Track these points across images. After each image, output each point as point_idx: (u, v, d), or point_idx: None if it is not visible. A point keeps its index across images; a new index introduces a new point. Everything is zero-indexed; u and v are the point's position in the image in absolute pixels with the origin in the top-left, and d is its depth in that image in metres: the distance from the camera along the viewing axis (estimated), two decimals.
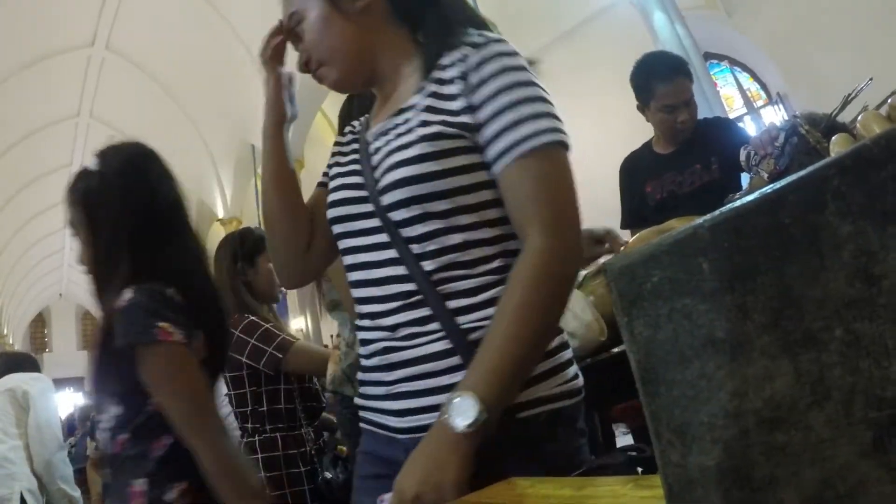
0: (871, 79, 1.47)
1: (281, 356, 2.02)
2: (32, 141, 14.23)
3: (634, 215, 2.53)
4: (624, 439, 3.04)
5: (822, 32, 6.14)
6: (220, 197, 14.56)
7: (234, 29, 11.25)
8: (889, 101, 1.20)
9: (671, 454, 0.38)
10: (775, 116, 7.12)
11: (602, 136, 7.47)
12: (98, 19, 11.75)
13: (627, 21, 7.06)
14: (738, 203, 0.38)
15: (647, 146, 2.50)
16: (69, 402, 12.38)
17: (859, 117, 1.19)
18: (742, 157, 1.60)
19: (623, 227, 2.54)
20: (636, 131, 7.74)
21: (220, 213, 14.58)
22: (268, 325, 2.08)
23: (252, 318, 2.08)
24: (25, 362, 3.19)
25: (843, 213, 0.35)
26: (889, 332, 0.34)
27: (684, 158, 2.29)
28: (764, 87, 7.83)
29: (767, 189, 0.37)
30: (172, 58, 12.33)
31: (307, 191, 1.17)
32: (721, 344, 0.37)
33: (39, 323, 30.57)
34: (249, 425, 2.06)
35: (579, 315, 1.71)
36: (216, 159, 14.17)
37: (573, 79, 7.89)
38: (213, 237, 16.72)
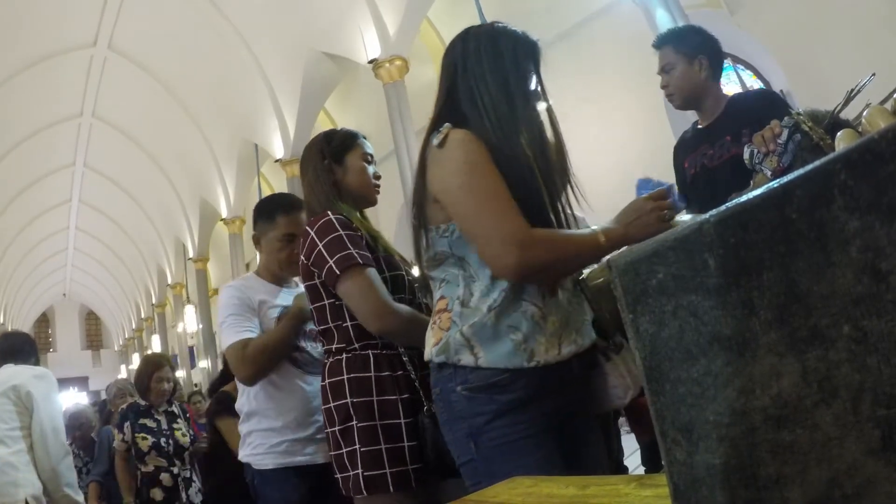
0: (873, 74, 1.46)
1: (338, 273, 1.60)
2: (36, 141, 14.26)
3: (680, 193, 2.48)
4: (627, 437, 3.03)
5: (824, 29, 6.12)
6: (223, 196, 14.57)
7: (236, 28, 11.26)
8: (895, 95, 1.19)
9: (677, 452, 0.38)
10: None
11: (604, 134, 7.47)
12: (100, 19, 11.76)
13: (630, 19, 7.05)
14: (743, 198, 0.37)
15: (696, 122, 2.48)
16: (74, 401, 12.38)
17: (865, 113, 1.18)
18: (745, 154, 1.59)
19: None
20: (638, 128, 7.72)
21: (224, 213, 14.59)
22: (343, 232, 1.67)
23: (331, 217, 1.70)
24: (23, 349, 2.94)
25: (851, 208, 0.34)
26: None
27: (717, 130, 2.26)
28: (767, 84, 7.80)
29: (773, 183, 0.37)
30: (175, 57, 12.35)
31: None
32: (727, 341, 0.37)
33: (43, 323, 30.67)
34: (334, 346, 1.72)
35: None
36: (219, 158, 14.17)
37: (576, 77, 7.89)
38: (217, 236, 16.75)
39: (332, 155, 1.88)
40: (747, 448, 0.36)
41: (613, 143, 7.47)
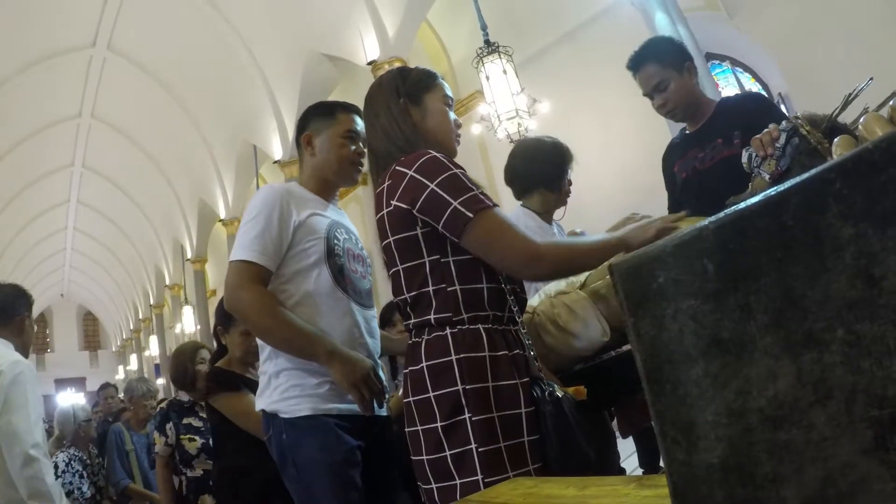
0: (871, 78, 1.47)
1: (471, 216, 1.30)
2: (34, 141, 14.23)
3: (672, 199, 2.51)
4: (626, 440, 3.04)
5: (823, 32, 6.13)
6: (221, 197, 14.53)
7: (235, 29, 11.26)
8: (890, 102, 1.20)
9: (676, 452, 0.39)
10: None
11: (604, 137, 7.48)
12: (99, 20, 11.74)
13: (629, 22, 7.06)
14: (741, 205, 0.38)
15: (683, 129, 2.49)
16: (72, 402, 12.31)
17: (861, 119, 1.19)
18: (743, 158, 1.60)
19: (669, 212, 2.52)
20: (638, 131, 7.73)
21: (222, 214, 14.55)
22: (457, 170, 1.36)
23: (436, 154, 1.39)
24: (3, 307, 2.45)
25: (845, 216, 0.36)
26: (890, 333, 0.34)
27: (707, 134, 2.27)
28: (765, 87, 7.81)
29: (770, 191, 0.38)
30: (174, 58, 12.33)
31: None
32: (725, 344, 0.38)
33: (41, 323, 30.56)
34: (432, 316, 1.35)
35: (582, 316, 1.72)
36: (217, 160, 14.14)
37: (575, 79, 7.90)
38: (215, 238, 16.70)
39: (408, 94, 1.56)
40: (745, 447, 0.37)
41: (613, 145, 7.47)
